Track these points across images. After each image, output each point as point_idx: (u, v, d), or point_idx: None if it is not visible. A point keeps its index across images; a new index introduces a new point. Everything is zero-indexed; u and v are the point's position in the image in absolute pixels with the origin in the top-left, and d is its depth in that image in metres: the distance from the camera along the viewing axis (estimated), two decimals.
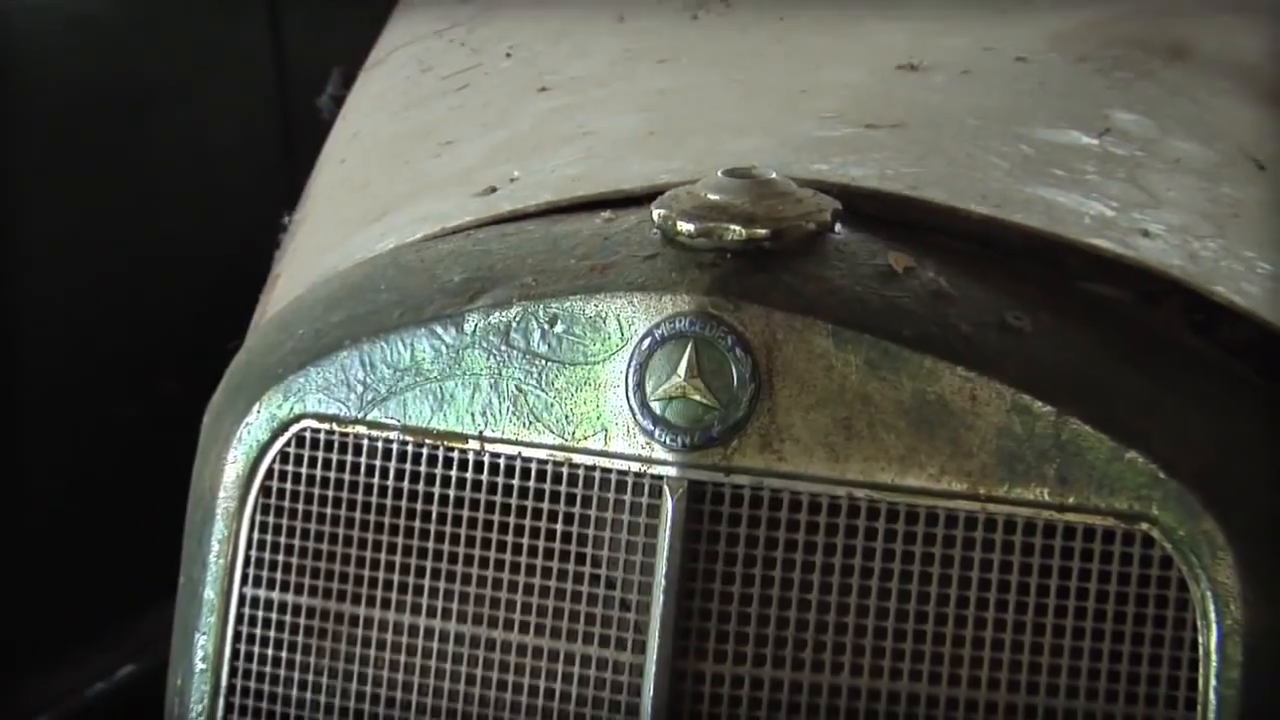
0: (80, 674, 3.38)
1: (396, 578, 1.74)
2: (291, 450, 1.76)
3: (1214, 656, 1.61)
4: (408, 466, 1.74)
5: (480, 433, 1.71)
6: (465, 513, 1.72)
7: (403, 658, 1.74)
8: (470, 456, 1.71)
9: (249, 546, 1.77)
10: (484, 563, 1.72)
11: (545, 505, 1.70)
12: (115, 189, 3.50)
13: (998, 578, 1.62)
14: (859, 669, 1.64)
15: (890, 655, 1.64)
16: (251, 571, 1.77)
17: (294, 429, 1.76)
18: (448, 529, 1.72)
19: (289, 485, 1.77)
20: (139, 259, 3.45)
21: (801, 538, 1.64)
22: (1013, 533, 1.62)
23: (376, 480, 1.75)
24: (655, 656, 1.65)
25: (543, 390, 1.69)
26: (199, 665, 1.79)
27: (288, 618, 1.77)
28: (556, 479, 1.69)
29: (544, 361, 1.69)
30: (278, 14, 3.82)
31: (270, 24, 3.82)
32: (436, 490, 1.73)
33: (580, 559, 1.69)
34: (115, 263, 3.46)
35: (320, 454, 1.76)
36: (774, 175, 1.68)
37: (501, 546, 1.71)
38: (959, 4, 2.23)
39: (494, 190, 1.87)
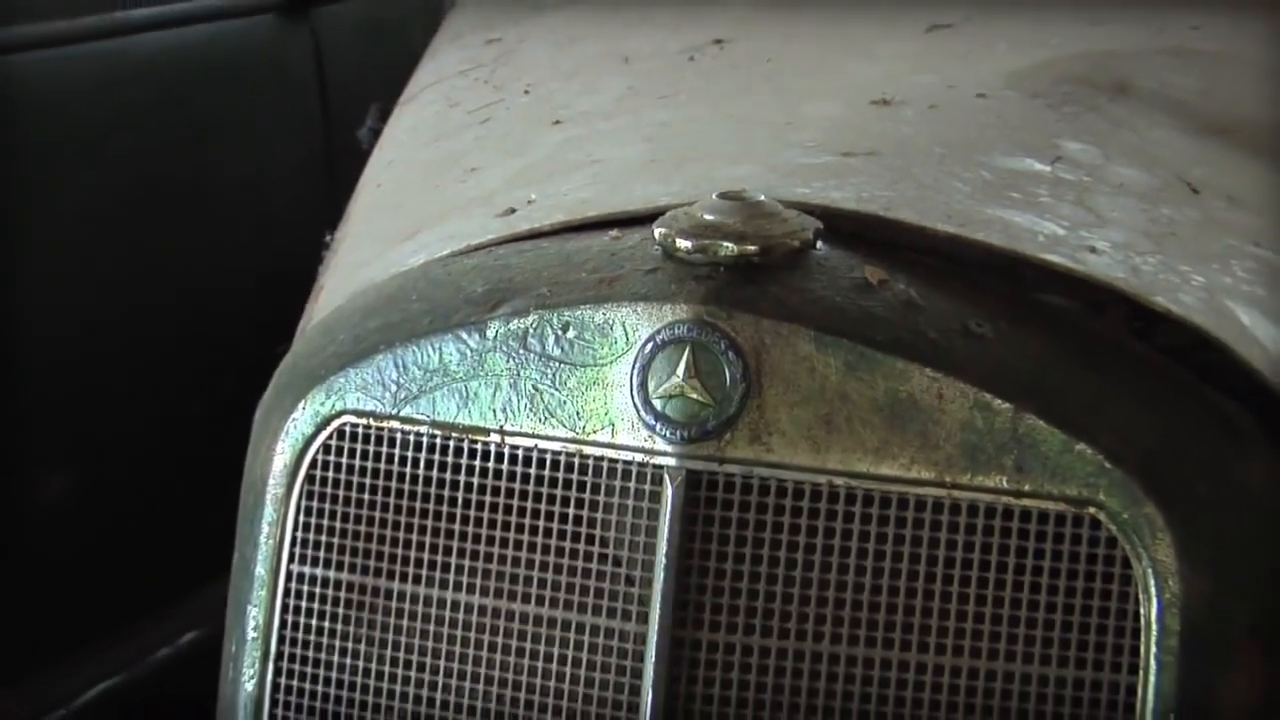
0: (149, 640, 3.38)
1: (426, 556, 1.75)
2: (333, 443, 1.77)
3: (1154, 626, 1.61)
4: (436, 457, 1.74)
5: (501, 427, 1.71)
6: (487, 498, 1.73)
7: (431, 627, 1.75)
8: (492, 448, 1.72)
9: (295, 528, 1.78)
10: (504, 543, 1.72)
11: (559, 492, 1.70)
12: (183, 211, 3.51)
13: (961, 555, 1.63)
14: (838, 637, 1.65)
15: (866, 625, 1.64)
16: (297, 550, 1.78)
17: (335, 424, 1.77)
18: (472, 513, 1.73)
19: (330, 474, 1.77)
20: (202, 273, 3.47)
21: (787, 520, 1.65)
22: (975, 516, 1.63)
23: (409, 470, 1.75)
24: (657, 626, 1.66)
25: (556, 389, 1.69)
26: (250, 634, 1.79)
27: (329, 591, 1.78)
28: (569, 468, 1.70)
29: (557, 364, 1.69)
30: (322, 57, 3.83)
31: (316, 66, 3.82)
32: (462, 479, 1.73)
33: (590, 539, 1.70)
34: (182, 277, 3.48)
35: (358, 446, 1.77)
36: (762, 198, 1.69)
37: (519, 528, 1.72)
38: (926, 46, 2.23)
39: (513, 211, 1.88)
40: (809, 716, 1.65)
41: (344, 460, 1.77)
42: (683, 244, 1.66)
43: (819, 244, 1.68)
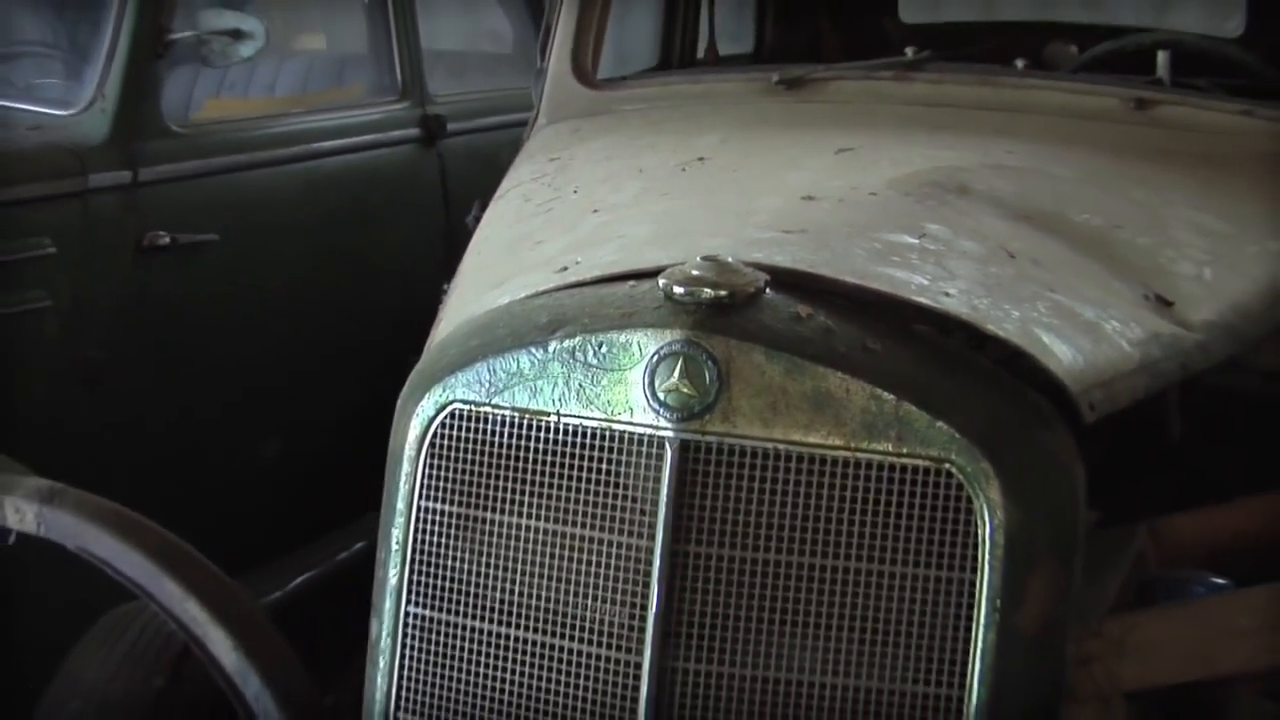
0: (333, 548, 3.38)
1: (507, 495, 1.72)
2: (447, 421, 1.74)
3: (987, 541, 1.60)
4: (515, 430, 1.71)
5: (557, 411, 1.69)
6: (548, 458, 1.70)
7: (510, 543, 1.72)
8: (551, 424, 1.69)
9: (421, 477, 1.75)
10: (559, 485, 1.70)
11: (596, 454, 1.68)
12: (357, 270, 3.55)
13: (861, 493, 1.61)
14: (780, 548, 1.62)
15: (798, 539, 1.62)
16: (422, 491, 1.75)
17: (448, 409, 1.74)
18: (538, 467, 1.70)
19: (445, 441, 1.75)
20: (366, 310, 3.49)
21: (748, 471, 1.63)
22: (870, 469, 1.61)
23: (497, 439, 1.72)
24: (660, 540, 1.63)
25: (594, 386, 1.67)
26: (394, 545, 1.77)
27: (443, 519, 1.75)
28: (602, 438, 1.67)
29: (595, 369, 1.67)
30: (445, 171, 3.83)
31: (440, 177, 3.82)
32: (531, 445, 1.70)
33: (615, 485, 1.67)
34: (354, 312, 3.50)
35: (463, 423, 1.74)
36: (730, 259, 1.67)
37: (569, 478, 1.69)
38: (836, 162, 2.22)
39: (565, 269, 1.86)
40: (773, 604, 1.63)
41: (453, 433, 1.74)
42: (677, 290, 1.64)
43: (767, 290, 1.66)
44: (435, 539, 1.75)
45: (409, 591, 1.76)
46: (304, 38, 4.18)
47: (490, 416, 1.72)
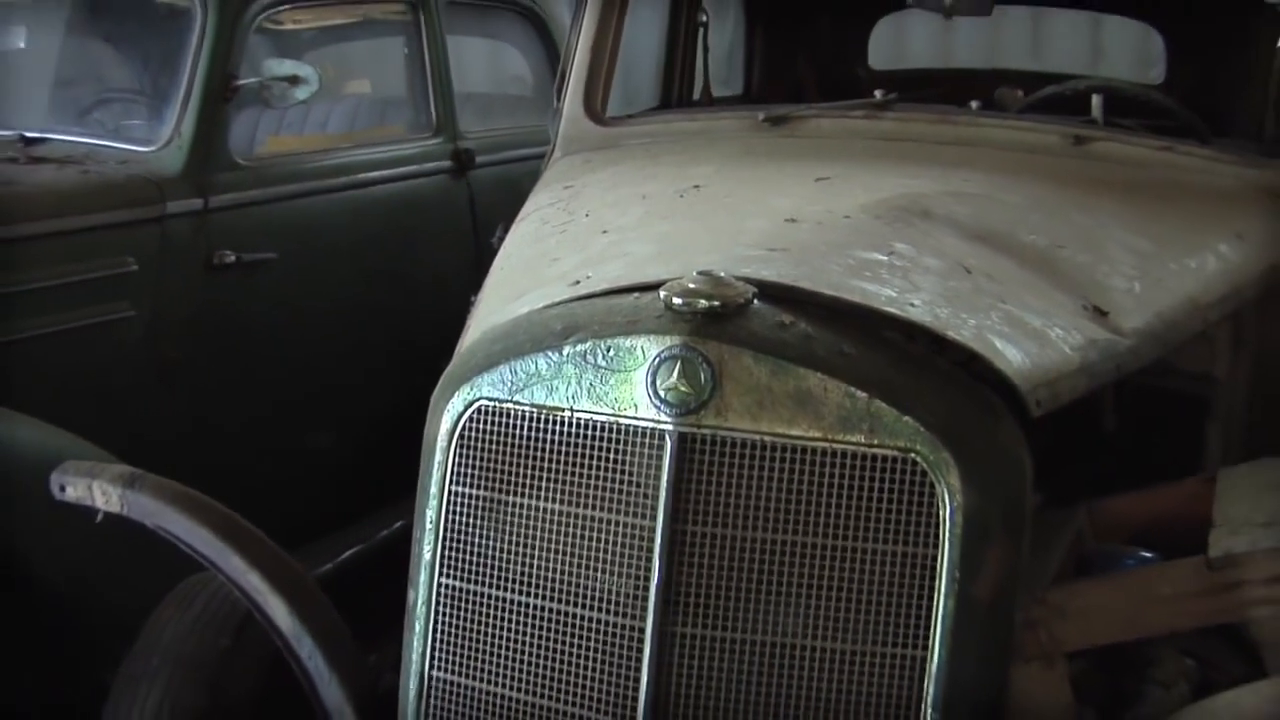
0: (376, 525, 3.36)
1: (527, 480, 1.70)
2: (474, 415, 1.72)
3: (947, 520, 1.58)
4: (533, 424, 1.69)
5: (571, 407, 1.67)
6: (562, 448, 1.67)
7: (528, 522, 1.70)
8: (565, 419, 1.67)
9: (451, 464, 1.73)
10: (572, 472, 1.67)
11: (605, 444, 1.65)
12: (396, 285, 3.53)
13: (838, 479, 1.59)
14: (767, 527, 1.61)
15: (782, 519, 1.60)
16: (452, 477, 1.73)
17: (475, 405, 1.72)
18: (553, 455, 1.68)
19: (472, 433, 1.72)
20: (405, 320, 3.48)
21: (738, 460, 1.61)
22: (846, 458, 1.59)
23: (518, 432, 1.70)
24: (660, 520, 1.61)
25: (603, 385, 1.65)
26: (428, 525, 1.75)
27: (471, 501, 1.73)
28: (611, 430, 1.65)
29: (604, 370, 1.65)
30: (473, 198, 3.81)
31: (470, 203, 3.81)
32: (548, 437, 1.68)
33: (622, 471, 1.65)
34: (395, 322, 3.49)
35: (488, 417, 1.72)
36: (722, 274, 1.65)
37: (581, 465, 1.67)
38: (815, 189, 2.20)
39: (578, 283, 1.84)
40: (761, 576, 1.61)
41: (480, 426, 1.72)
42: (676, 301, 1.62)
43: (755, 301, 1.64)
44: (464, 519, 1.73)
45: (441, 565, 1.74)
46: (352, 83, 4.19)
47: (512, 412, 1.70)
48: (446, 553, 1.73)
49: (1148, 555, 1.97)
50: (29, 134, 3.11)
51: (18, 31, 3.51)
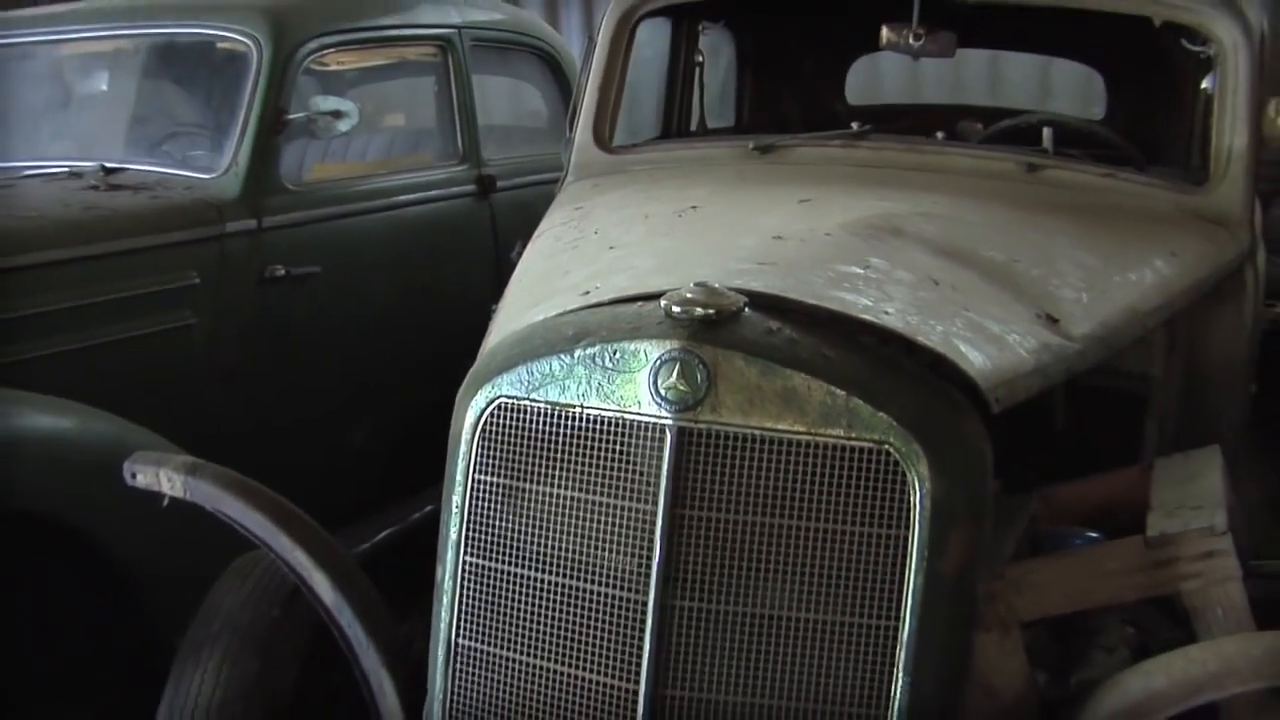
0: (408, 509, 3.34)
1: (542, 470, 1.68)
2: (495, 411, 1.70)
3: (917, 506, 1.56)
4: (548, 419, 1.67)
5: (581, 404, 1.65)
6: (574, 441, 1.65)
7: (544, 507, 1.68)
8: (576, 414, 1.65)
9: (475, 455, 1.71)
10: (582, 462, 1.65)
11: (611, 438, 1.63)
12: (427, 295, 3.52)
13: (820, 468, 1.58)
14: (756, 511, 1.59)
15: (770, 504, 1.59)
16: (476, 466, 1.71)
17: (496, 402, 1.70)
18: (565, 447, 1.66)
19: (493, 427, 1.70)
20: (434, 326, 3.46)
21: (731, 452, 1.59)
22: (827, 450, 1.57)
23: (533, 426, 1.68)
24: (661, 505, 1.60)
25: (610, 384, 1.63)
26: (454, 509, 1.73)
27: (492, 488, 1.71)
28: (617, 425, 1.63)
29: (611, 371, 1.63)
30: (495, 217, 3.80)
31: (491, 222, 3.79)
32: (560, 431, 1.66)
33: (626, 461, 1.63)
34: (425, 329, 3.47)
35: (508, 413, 1.70)
36: (717, 285, 1.63)
37: (591, 455, 1.65)
38: (799, 209, 2.18)
39: (588, 293, 1.82)
40: (751, 555, 1.59)
41: (500, 421, 1.70)
42: (675, 309, 1.60)
43: (746, 310, 1.62)
44: (486, 504, 1.71)
45: (466, 544, 1.72)
46: (388, 117, 4.19)
47: (529, 408, 1.68)
48: (470, 534, 1.71)
49: (1093, 536, 1.96)
50: (109, 164, 3.13)
51: (101, 76, 3.55)
